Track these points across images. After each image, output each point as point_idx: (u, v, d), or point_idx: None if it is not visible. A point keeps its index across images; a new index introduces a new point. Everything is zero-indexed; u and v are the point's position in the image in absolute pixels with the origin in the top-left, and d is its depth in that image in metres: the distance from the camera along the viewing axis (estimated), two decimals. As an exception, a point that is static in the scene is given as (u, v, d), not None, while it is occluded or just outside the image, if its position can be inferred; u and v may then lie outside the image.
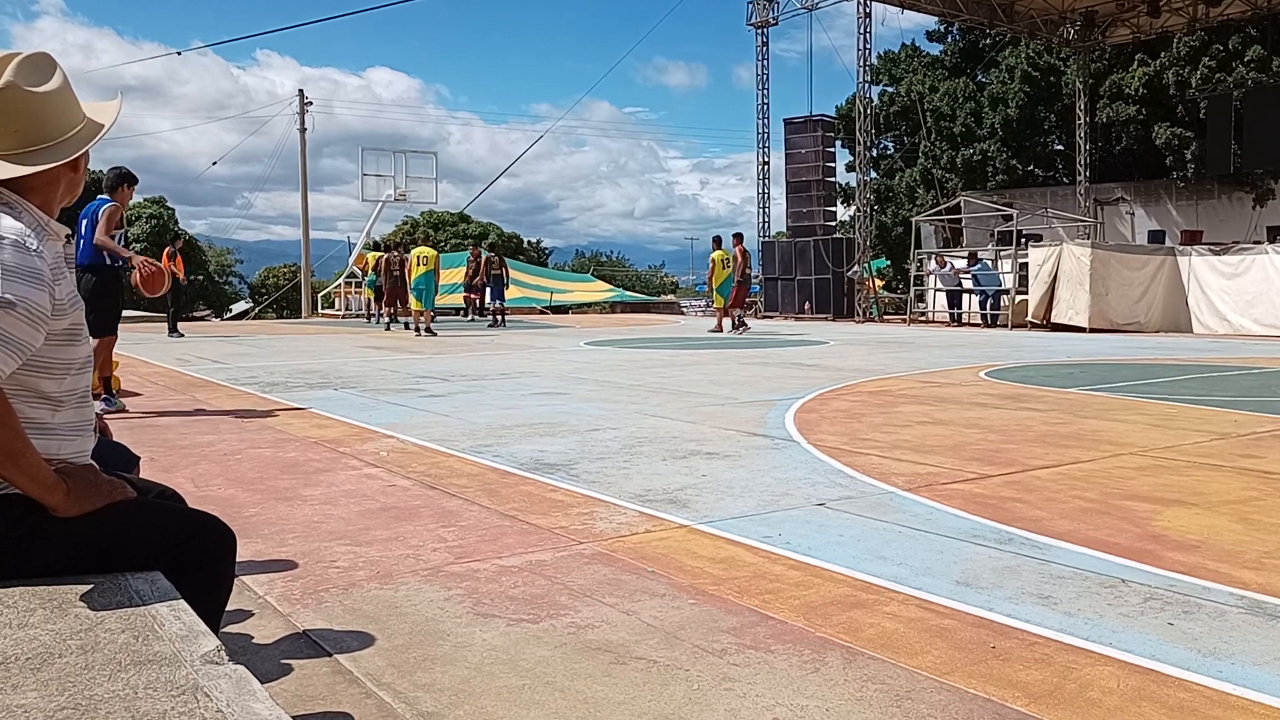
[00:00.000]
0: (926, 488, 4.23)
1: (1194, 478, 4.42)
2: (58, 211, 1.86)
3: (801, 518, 3.73)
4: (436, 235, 43.71)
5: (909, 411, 6.71)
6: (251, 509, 3.94)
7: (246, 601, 2.77)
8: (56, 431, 1.77)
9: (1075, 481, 4.34)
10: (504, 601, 2.78)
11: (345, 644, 2.46)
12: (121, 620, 1.51)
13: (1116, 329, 17.63)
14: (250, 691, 1.30)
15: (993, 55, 32.77)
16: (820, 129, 26.53)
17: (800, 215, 26.55)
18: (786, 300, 25.70)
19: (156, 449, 5.34)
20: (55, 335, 1.73)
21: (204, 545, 1.82)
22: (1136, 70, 28.45)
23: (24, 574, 1.67)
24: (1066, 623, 2.58)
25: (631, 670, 2.29)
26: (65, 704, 1.24)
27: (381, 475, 4.60)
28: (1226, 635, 2.49)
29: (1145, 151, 29.21)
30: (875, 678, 2.24)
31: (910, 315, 22.98)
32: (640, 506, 3.91)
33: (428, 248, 17.82)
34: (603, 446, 5.30)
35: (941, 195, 29.76)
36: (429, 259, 17.17)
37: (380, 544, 3.39)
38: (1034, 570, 3.05)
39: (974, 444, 5.34)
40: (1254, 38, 26.28)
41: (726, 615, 2.66)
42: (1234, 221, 25.07)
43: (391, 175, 31.00)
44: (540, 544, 3.38)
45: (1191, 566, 3.06)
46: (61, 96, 1.80)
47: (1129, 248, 20.39)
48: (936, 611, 2.68)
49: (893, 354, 12.30)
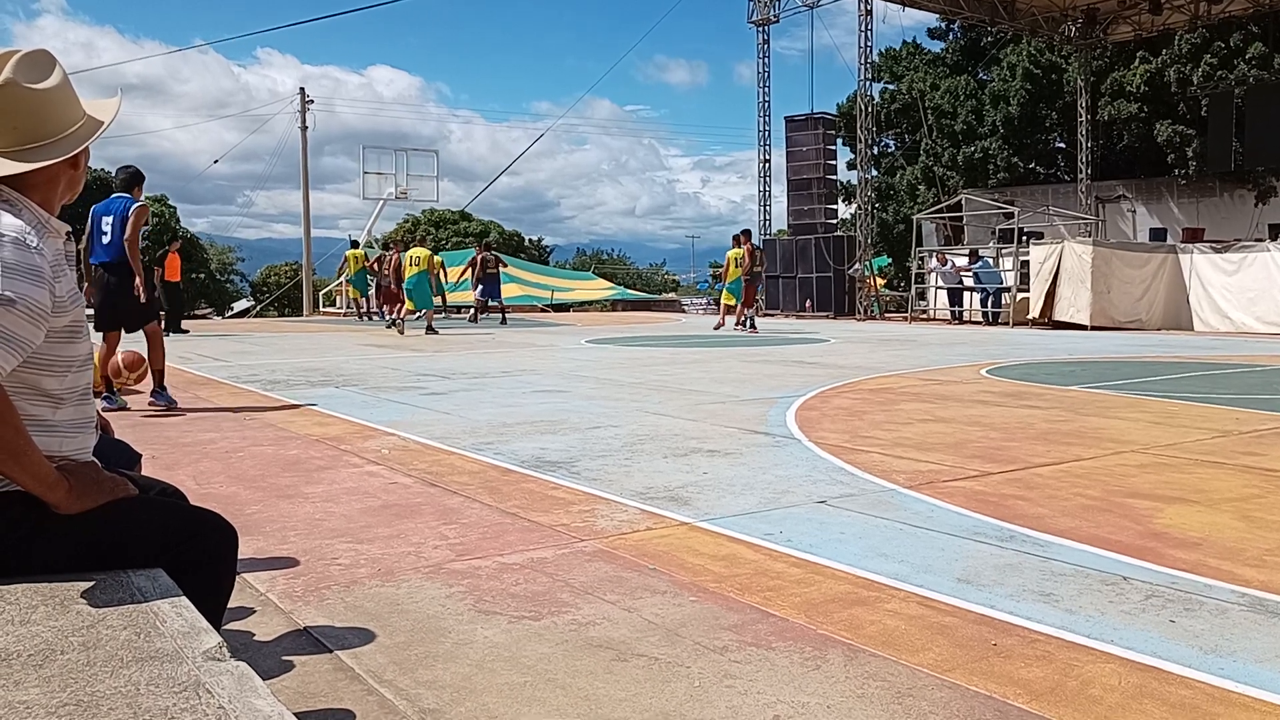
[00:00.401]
0: (928, 485, 4.23)
1: (1196, 475, 4.42)
2: (58, 209, 1.86)
3: (803, 515, 3.73)
4: (438, 233, 43.69)
5: (910, 409, 6.71)
6: (253, 506, 3.94)
7: (248, 599, 2.77)
8: (58, 428, 1.77)
9: (1077, 479, 4.34)
10: (505, 599, 2.78)
11: (347, 641, 2.46)
12: (123, 617, 1.51)
13: (1118, 327, 17.62)
14: (252, 688, 1.30)
15: (994, 53, 32.72)
16: (821, 126, 26.52)
17: (801, 213, 26.55)
18: (788, 298, 25.69)
19: (158, 446, 5.34)
20: (56, 333, 1.73)
21: (206, 543, 1.82)
22: (1138, 68, 28.40)
23: (25, 571, 1.67)
24: (1068, 620, 2.58)
25: (633, 667, 2.29)
26: (67, 700, 1.24)
27: (383, 473, 4.60)
28: (1228, 633, 2.49)
29: (1147, 149, 29.16)
30: (876, 675, 2.24)
31: (911, 313, 22.97)
32: (641, 504, 3.91)
33: (421, 249, 17.73)
34: (604, 444, 5.30)
35: (943, 193, 29.73)
36: (421, 260, 17.09)
37: (382, 541, 3.39)
38: (1035, 568, 3.05)
39: (975, 441, 5.34)
40: (1256, 35, 26.22)
41: (728, 612, 2.66)
42: (1236, 219, 25.03)
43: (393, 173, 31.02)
44: (541, 541, 3.38)
45: (1193, 564, 3.06)
46: (61, 93, 1.80)
47: (1130, 245, 20.37)
48: (938, 609, 2.68)
49: (894, 352, 12.29)
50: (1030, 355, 11.69)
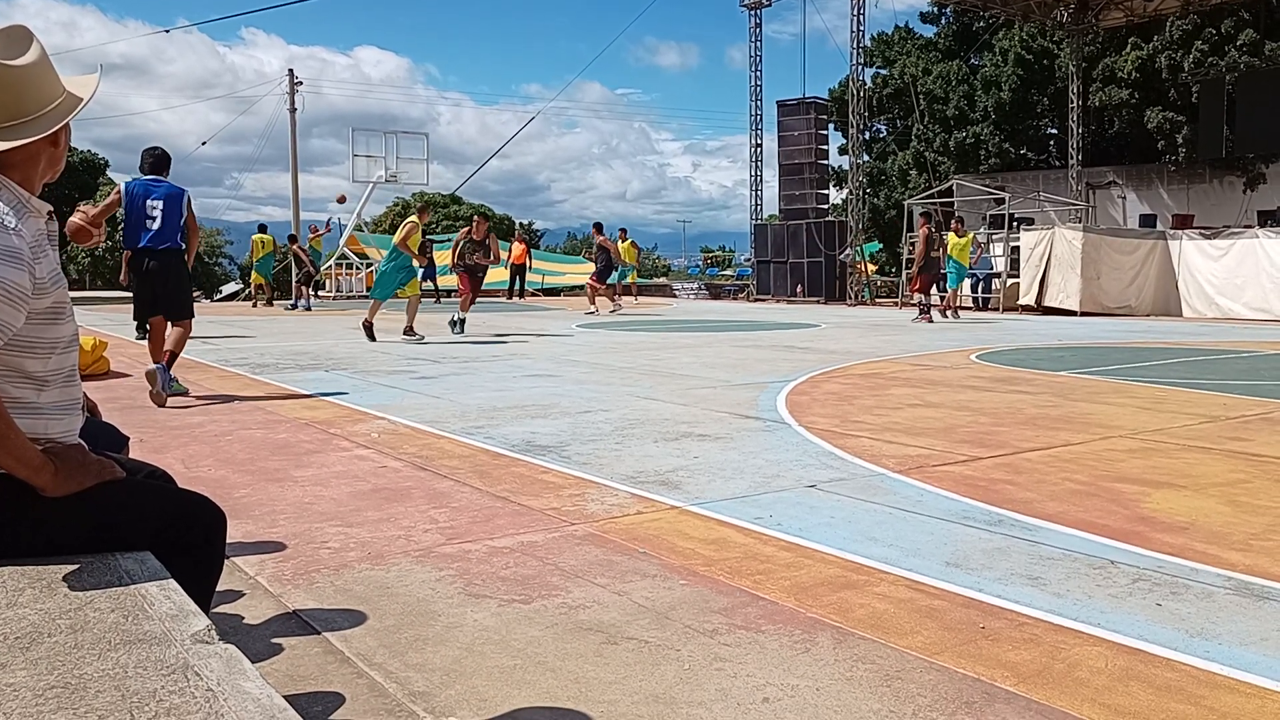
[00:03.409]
0: (917, 470, 4.24)
1: (1183, 460, 4.44)
2: (40, 188, 1.83)
3: (793, 499, 3.74)
4: (428, 217, 43.45)
5: (900, 394, 6.72)
6: (242, 490, 3.93)
7: (237, 582, 2.77)
8: (43, 411, 1.75)
9: (1065, 464, 4.36)
10: (495, 582, 2.78)
11: (336, 624, 2.46)
12: (111, 599, 1.51)
13: (1107, 313, 17.68)
14: (241, 671, 1.30)
15: (986, 38, 32.64)
16: (813, 111, 26.45)
17: (793, 198, 26.51)
18: (778, 283, 25.69)
19: (146, 429, 5.32)
20: (38, 314, 1.71)
21: (194, 526, 1.82)
22: (1129, 54, 28.40)
23: (12, 554, 1.66)
24: (1055, 603, 2.59)
25: (623, 650, 2.29)
26: (54, 683, 1.23)
27: (373, 457, 4.59)
28: (1214, 616, 2.50)
29: (1137, 135, 29.20)
30: (865, 658, 2.25)
31: (902, 298, 22.99)
32: (632, 488, 3.91)
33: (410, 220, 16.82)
34: (595, 428, 5.30)
35: (934, 178, 29.72)
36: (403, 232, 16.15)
37: (371, 525, 3.39)
38: (1023, 551, 3.06)
39: (965, 426, 5.35)
40: (1247, 21, 26.24)
41: (718, 596, 2.66)
42: (1225, 206, 25.09)
43: (382, 156, 30.74)
44: (532, 525, 3.38)
45: (1179, 548, 3.08)
46: (39, 70, 1.77)
47: (1120, 231, 20.42)
48: (926, 592, 2.70)
49: (884, 337, 12.31)
50: (1020, 341, 11.72)
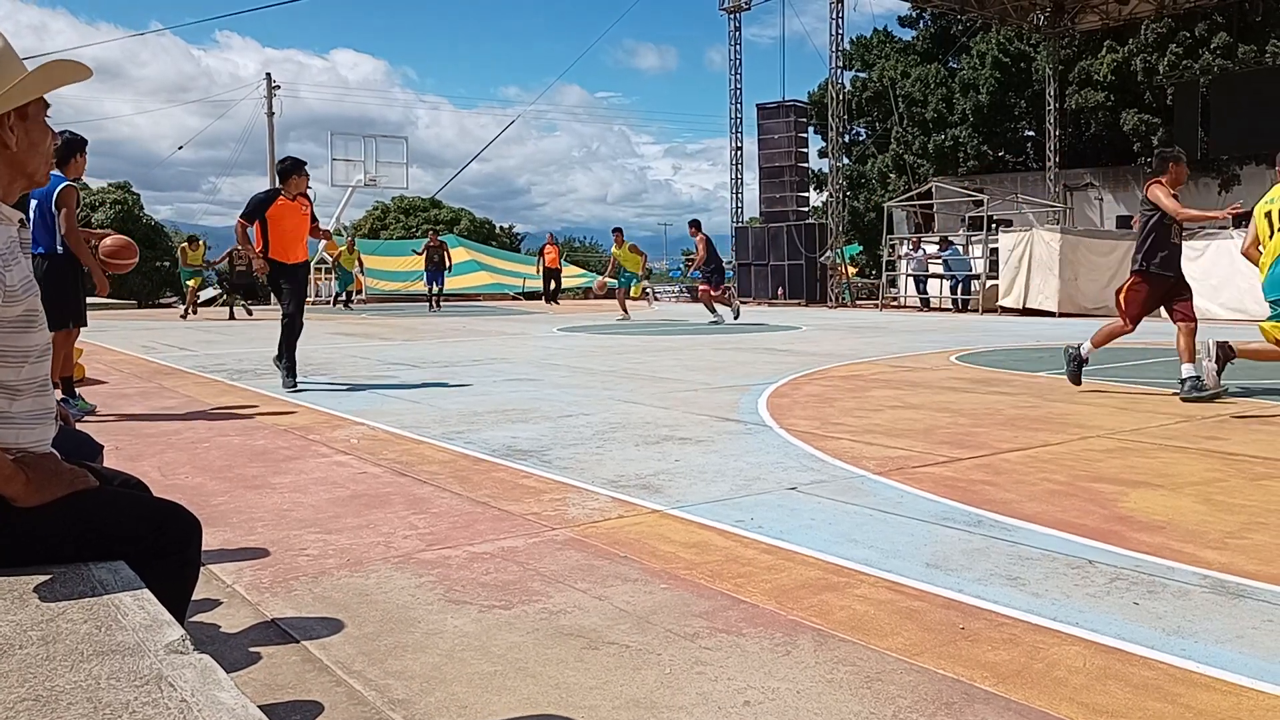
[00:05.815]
0: (897, 471, 4.26)
1: (1159, 460, 4.48)
2: (16, 196, 1.79)
3: (773, 502, 3.74)
4: (408, 220, 43.27)
5: (880, 396, 6.75)
6: (219, 497, 3.90)
7: (214, 590, 2.74)
8: (15, 420, 1.73)
9: (1044, 464, 4.39)
10: (475, 588, 2.77)
11: (315, 632, 2.44)
12: (84, 610, 1.49)
13: (1085, 313, 17.82)
14: (215, 681, 1.28)
15: (964, 41, 32.87)
16: (793, 114, 26.59)
17: (773, 201, 26.62)
18: (759, 285, 25.75)
19: (122, 437, 5.27)
20: (9, 322, 1.68)
21: (169, 534, 1.79)
22: (1105, 57, 28.66)
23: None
24: (1034, 603, 2.61)
25: (604, 655, 2.29)
26: (25, 695, 1.22)
27: (352, 462, 4.57)
28: (1190, 614, 2.53)
29: (1114, 138, 29.46)
30: (846, 659, 2.25)
31: (882, 300, 23.10)
32: (613, 492, 3.91)
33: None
34: (576, 432, 5.29)
35: (913, 181, 29.88)
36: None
37: (350, 531, 3.37)
38: (1003, 552, 3.08)
39: (944, 428, 5.38)
40: (1221, 25, 26.54)
41: (698, 599, 2.66)
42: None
43: (361, 160, 30.65)
44: (512, 530, 3.37)
45: (1156, 547, 3.11)
46: (3, 61, 1.72)
47: (1097, 233, 20.62)
48: (906, 593, 2.70)
49: (865, 339, 12.36)
50: (999, 342, 11.80)
